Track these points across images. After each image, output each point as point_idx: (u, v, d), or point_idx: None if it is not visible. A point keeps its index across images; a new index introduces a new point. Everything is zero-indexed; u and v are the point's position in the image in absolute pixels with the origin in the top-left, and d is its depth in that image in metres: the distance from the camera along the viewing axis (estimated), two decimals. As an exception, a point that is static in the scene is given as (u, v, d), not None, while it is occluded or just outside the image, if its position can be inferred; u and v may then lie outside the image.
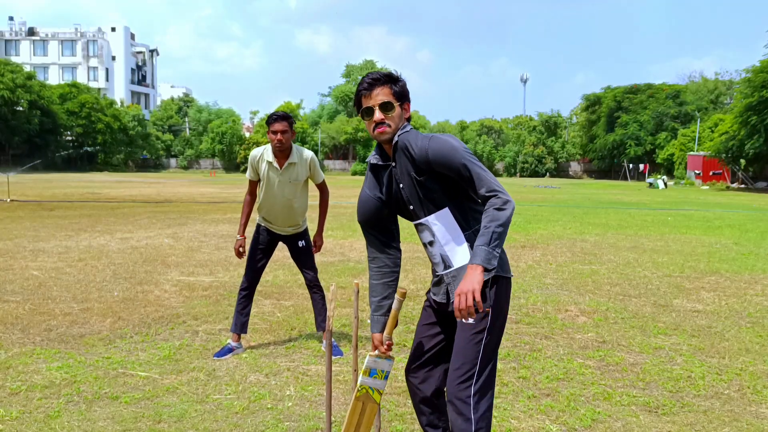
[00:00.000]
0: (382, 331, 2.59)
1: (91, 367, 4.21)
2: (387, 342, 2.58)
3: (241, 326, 4.65)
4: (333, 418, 3.38)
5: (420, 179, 2.37)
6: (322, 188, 4.82)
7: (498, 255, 2.21)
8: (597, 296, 6.62)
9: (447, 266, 2.46)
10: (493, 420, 3.48)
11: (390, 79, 2.41)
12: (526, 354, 4.66)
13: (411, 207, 2.47)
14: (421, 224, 2.47)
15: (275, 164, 4.50)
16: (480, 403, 2.33)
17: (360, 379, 2.60)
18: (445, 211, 2.42)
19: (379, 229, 2.60)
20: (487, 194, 2.26)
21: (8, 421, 3.36)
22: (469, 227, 2.42)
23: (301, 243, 4.73)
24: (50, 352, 4.51)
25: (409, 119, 2.49)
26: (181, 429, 3.32)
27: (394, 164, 2.45)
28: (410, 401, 3.73)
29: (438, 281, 2.53)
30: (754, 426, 3.46)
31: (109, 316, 5.53)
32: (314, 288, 4.78)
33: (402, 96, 2.42)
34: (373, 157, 2.52)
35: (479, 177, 2.28)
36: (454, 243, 2.43)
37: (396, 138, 2.41)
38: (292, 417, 3.50)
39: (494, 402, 3.72)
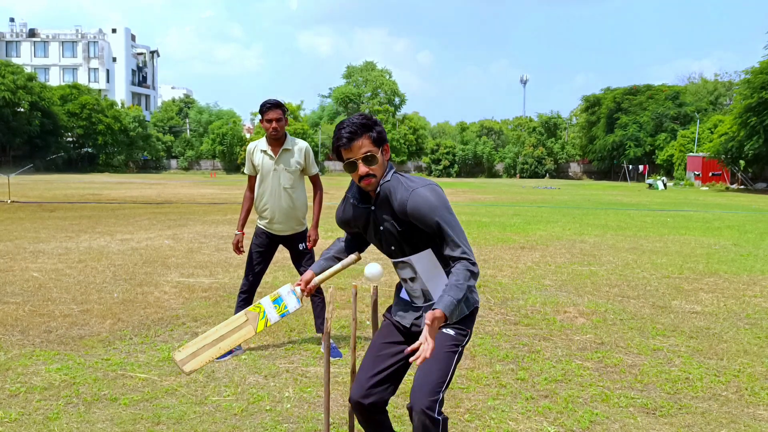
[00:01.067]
0: (318, 274, 2.66)
1: (90, 369, 4.23)
2: (312, 286, 2.65)
3: None
4: (331, 420, 3.40)
5: (401, 229, 2.40)
6: (315, 182, 4.85)
7: (458, 309, 2.30)
8: (596, 297, 6.63)
9: (427, 300, 2.51)
10: (492, 421, 3.50)
11: (366, 128, 2.37)
12: (525, 355, 4.67)
13: (392, 248, 2.49)
14: (402, 262, 2.49)
15: (270, 152, 4.57)
16: (442, 404, 2.41)
17: (265, 299, 2.62)
18: (428, 252, 2.44)
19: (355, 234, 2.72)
20: (458, 256, 2.33)
21: (7, 423, 3.37)
22: (448, 265, 2.43)
23: (301, 246, 4.73)
24: (50, 354, 4.52)
25: (389, 159, 2.47)
26: (179, 431, 3.33)
27: (373, 208, 2.45)
28: (406, 402, 3.75)
29: (412, 309, 2.56)
30: (752, 428, 3.47)
31: (108, 318, 5.54)
32: (316, 292, 4.77)
33: (381, 141, 2.39)
34: (352, 197, 2.53)
35: (451, 239, 2.33)
36: (436, 280, 2.47)
37: (378, 188, 2.40)
38: (290, 418, 3.51)
39: (492, 404, 3.74)
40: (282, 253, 5.77)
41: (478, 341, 4.98)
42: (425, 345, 2.17)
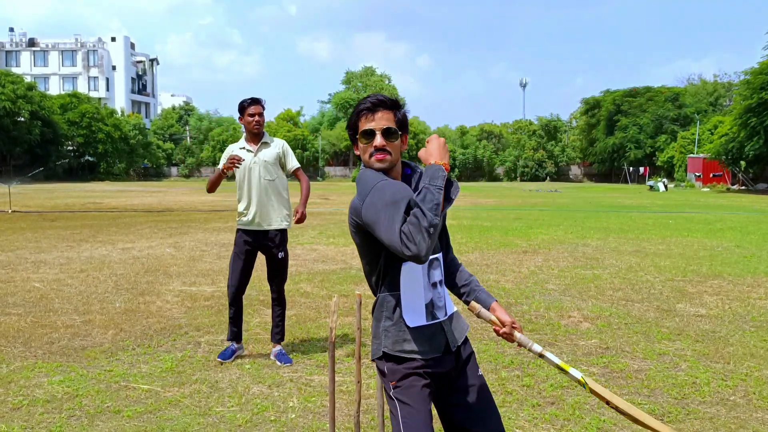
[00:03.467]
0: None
1: (93, 381, 4.20)
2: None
3: (234, 335, 4.78)
4: (337, 430, 3.37)
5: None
6: (300, 175, 4.86)
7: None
8: (600, 301, 6.60)
9: (446, 312, 2.24)
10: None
11: (394, 106, 2.20)
12: (530, 362, 4.64)
13: None
14: (436, 259, 2.23)
15: (248, 147, 4.69)
16: None
17: (575, 373, 2.23)
18: (441, 255, 2.28)
19: None
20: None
21: (10, 437, 3.34)
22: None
23: (280, 254, 4.73)
24: (52, 366, 4.50)
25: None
26: (184, 442, 3.30)
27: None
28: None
29: (431, 334, 2.18)
30: (761, 433, 3.43)
31: (111, 328, 5.52)
32: (278, 301, 4.82)
33: (403, 125, 2.21)
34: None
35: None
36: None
37: (415, 168, 2.26)
38: (295, 429, 3.48)
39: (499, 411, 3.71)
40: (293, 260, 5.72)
41: (482, 347, 4.95)
42: (519, 327, 2.25)
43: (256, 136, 4.69)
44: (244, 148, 4.70)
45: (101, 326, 5.58)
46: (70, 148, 61.12)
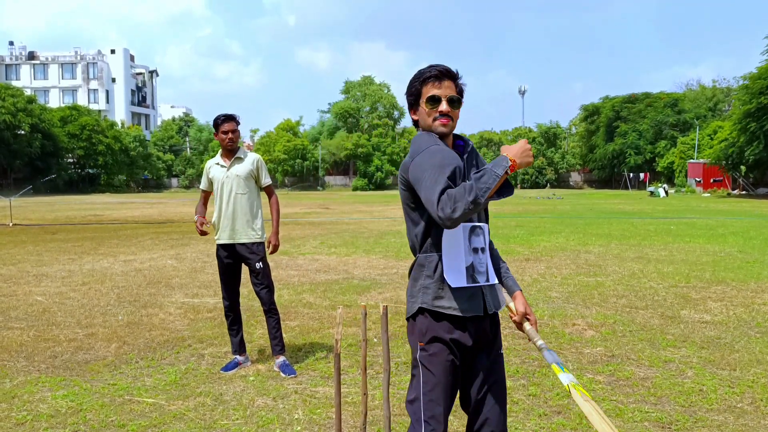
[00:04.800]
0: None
1: (96, 395, 4.18)
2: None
3: (238, 346, 4.81)
4: (343, 442, 3.34)
5: None
6: (270, 192, 4.94)
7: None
8: (604, 309, 6.58)
9: (488, 279, 2.34)
10: (505, 440, 3.44)
11: (457, 77, 2.35)
12: (535, 370, 4.61)
13: None
14: (480, 227, 2.34)
15: (222, 163, 4.78)
16: None
17: (562, 378, 2.27)
18: (487, 225, 2.41)
19: None
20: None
21: (15, 453, 3.32)
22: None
23: (258, 265, 4.76)
24: (55, 380, 4.48)
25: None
26: (189, 457, 3.28)
27: (465, 156, 2.34)
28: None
29: (470, 295, 2.28)
30: (770, 440, 3.41)
31: (114, 341, 5.50)
32: (270, 312, 4.80)
33: (461, 95, 2.36)
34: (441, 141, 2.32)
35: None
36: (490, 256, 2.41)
37: (467, 139, 2.40)
38: (301, 441, 3.46)
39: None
40: (285, 271, 5.74)
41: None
42: (533, 319, 2.40)
43: (230, 151, 4.76)
44: (218, 163, 4.80)
45: (104, 339, 5.57)
46: (71, 160, 61.26)
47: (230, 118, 4.70)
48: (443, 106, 2.28)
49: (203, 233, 4.72)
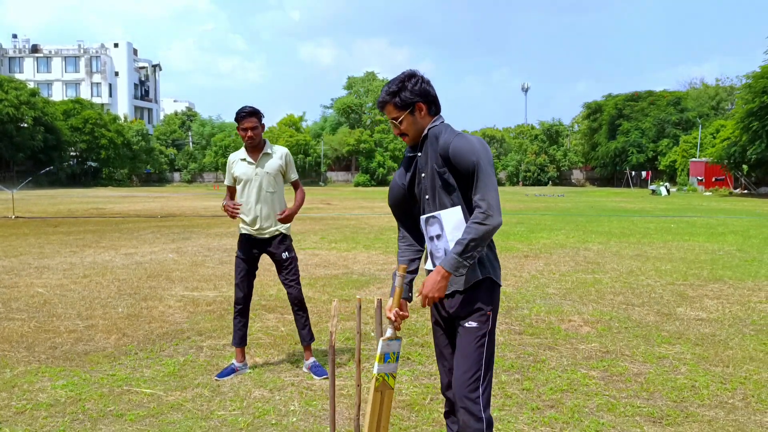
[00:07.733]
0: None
1: (96, 385, 4.23)
2: (394, 312, 2.63)
3: (239, 339, 4.63)
4: (337, 433, 3.39)
5: (440, 171, 2.50)
6: (297, 186, 4.78)
7: (468, 266, 2.41)
8: (600, 306, 6.62)
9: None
10: (497, 433, 3.49)
11: (392, 95, 2.57)
12: (530, 365, 4.66)
13: (427, 197, 2.58)
14: (433, 217, 2.57)
15: (249, 158, 4.54)
16: (486, 401, 2.50)
17: (375, 367, 2.61)
18: (457, 210, 2.52)
19: (407, 214, 2.75)
20: (476, 201, 2.42)
21: (14, 440, 3.38)
22: None
23: (285, 254, 4.60)
24: (55, 370, 4.53)
25: (438, 111, 2.62)
26: (186, 446, 3.33)
27: (419, 154, 2.59)
28: (415, 415, 3.74)
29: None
30: (759, 435, 3.45)
31: (113, 333, 5.55)
32: (297, 306, 4.63)
33: (406, 105, 2.56)
34: (407, 149, 2.69)
35: (482, 183, 2.42)
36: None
37: (426, 131, 2.58)
38: (296, 432, 3.51)
39: (498, 415, 3.73)
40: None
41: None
42: (427, 301, 2.50)
43: (254, 148, 4.53)
44: (243, 159, 4.55)
45: (104, 331, 5.62)
46: (73, 153, 61.33)
47: (252, 114, 4.40)
48: (394, 130, 2.65)
49: (234, 216, 4.49)
